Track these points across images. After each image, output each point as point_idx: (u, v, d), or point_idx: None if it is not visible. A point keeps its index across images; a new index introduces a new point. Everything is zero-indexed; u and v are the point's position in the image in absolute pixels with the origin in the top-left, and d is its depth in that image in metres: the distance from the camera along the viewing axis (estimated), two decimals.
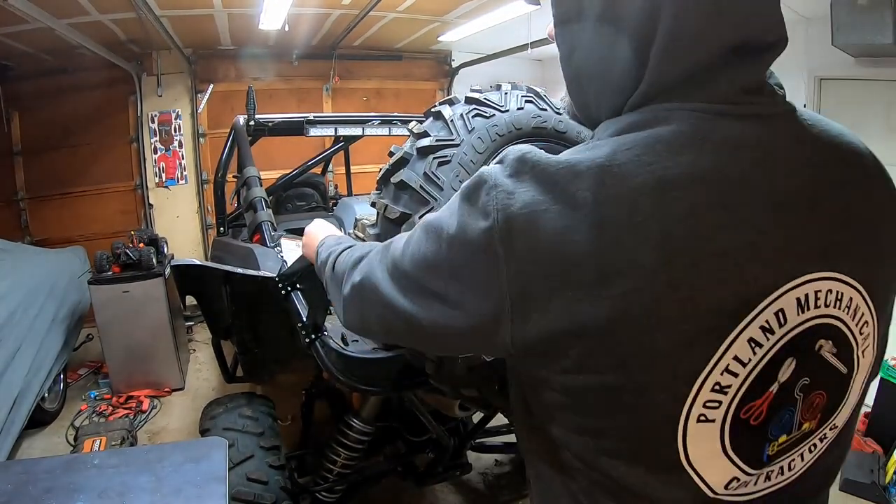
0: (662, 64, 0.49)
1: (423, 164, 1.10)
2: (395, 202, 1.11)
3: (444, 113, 1.17)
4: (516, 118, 1.21)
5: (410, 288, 0.59)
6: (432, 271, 0.57)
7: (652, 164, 0.46)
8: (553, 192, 0.48)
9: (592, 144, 0.51)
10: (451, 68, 5.76)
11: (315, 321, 1.44)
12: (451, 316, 0.55)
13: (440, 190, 1.08)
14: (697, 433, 0.49)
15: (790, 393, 0.51)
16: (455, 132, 1.14)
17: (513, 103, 1.23)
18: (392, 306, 0.61)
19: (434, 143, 1.12)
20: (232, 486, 1.57)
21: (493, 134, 1.17)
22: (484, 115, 1.18)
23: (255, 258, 1.85)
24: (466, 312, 0.54)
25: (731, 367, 0.48)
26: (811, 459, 0.56)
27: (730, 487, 0.52)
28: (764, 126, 0.50)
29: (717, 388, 0.48)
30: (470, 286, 0.53)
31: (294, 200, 3.51)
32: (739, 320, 0.47)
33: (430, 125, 1.18)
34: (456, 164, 1.11)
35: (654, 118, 0.49)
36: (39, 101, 4.44)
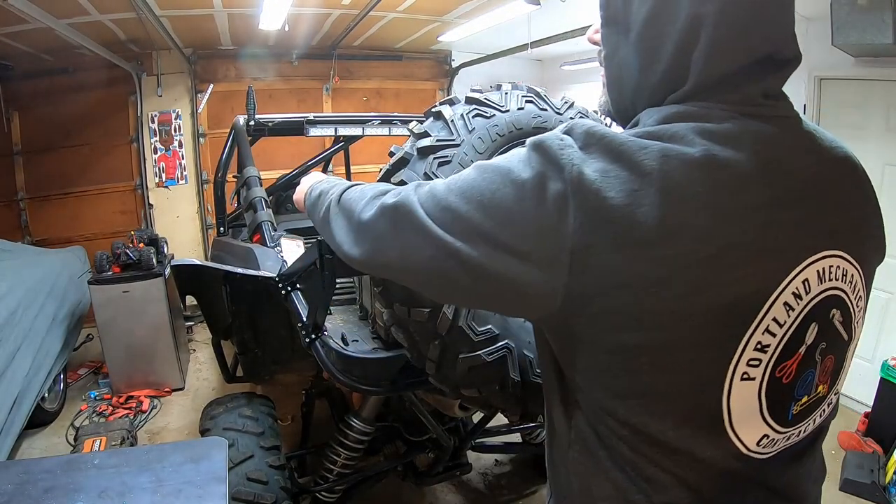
0: (705, 68, 0.56)
1: (424, 165, 1.10)
2: None
3: (444, 113, 1.17)
4: (517, 118, 1.21)
5: (456, 225, 0.58)
6: (490, 211, 0.56)
7: (704, 145, 0.53)
8: (621, 161, 0.53)
9: (644, 126, 0.57)
10: (451, 68, 5.76)
11: (315, 321, 1.44)
12: (500, 260, 0.55)
13: None
14: (740, 391, 0.55)
15: (812, 356, 0.58)
16: (455, 132, 1.14)
17: (513, 103, 1.23)
18: (430, 238, 0.59)
19: (434, 143, 1.12)
20: (232, 486, 1.57)
21: (493, 134, 1.17)
22: (484, 115, 1.18)
23: (255, 258, 1.85)
24: (520, 258, 0.54)
25: (771, 327, 0.54)
26: (820, 421, 0.64)
27: (760, 444, 0.58)
28: (782, 127, 0.58)
29: (758, 346, 0.54)
30: (532, 232, 0.54)
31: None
32: (777, 285, 0.54)
33: (430, 125, 1.17)
34: (456, 164, 1.11)
35: (696, 112, 0.56)
36: (39, 101, 4.44)
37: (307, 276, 1.44)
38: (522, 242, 0.54)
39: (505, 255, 0.55)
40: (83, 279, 3.36)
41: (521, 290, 0.56)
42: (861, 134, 2.96)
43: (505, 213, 0.55)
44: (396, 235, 0.64)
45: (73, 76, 4.41)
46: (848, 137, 2.62)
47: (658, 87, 0.59)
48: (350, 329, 1.78)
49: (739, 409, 0.55)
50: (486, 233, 0.56)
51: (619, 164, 0.53)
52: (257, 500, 1.64)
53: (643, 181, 0.51)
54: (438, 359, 1.13)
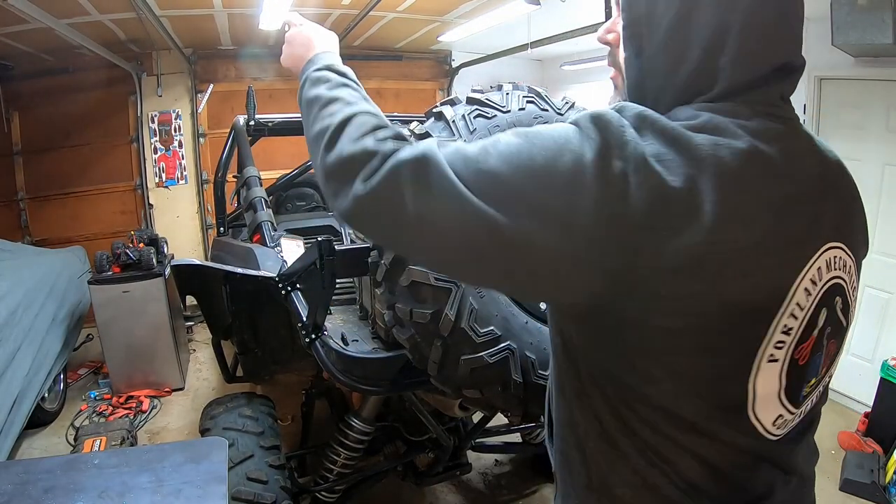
0: (733, 73, 0.58)
1: None
2: None
3: (445, 113, 1.17)
4: (518, 118, 1.21)
5: (497, 192, 0.52)
6: (542, 181, 0.52)
7: (745, 136, 0.56)
8: (676, 145, 0.54)
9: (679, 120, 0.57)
10: (451, 68, 5.76)
11: (315, 321, 1.44)
12: (546, 234, 0.52)
13: None
14: (766, 373, 0.58)
15: (821, 340, 0.62)
16: (457, 133, 1.14)
17: (514, 104, 1.23)
18: (460, 202, 0.52)
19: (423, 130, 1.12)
20: (232, 486, 1.57)
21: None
22: (485, 115, 1.18)
23: (255, 258, 1.85)
24: (570, 234, 0.52)
25: (794, 311, 0.58)
26: (816, 402, 0.68)
27: (775, 425, 0.61)
28: (793, 128, 0.62)
29: (784, 329, 0.58)
30: (588, 208, 0.51)
31: (294, 200, 3.52)
32: (800, 272, 0.58)
33: (431, 126, 1.17)
34: None
35: (728, 109, 0.58)
36: (39, 101, 4.44)
37: (307, 276, 1.45)
38: (576, 218, 0.51)
39: (553, 230, 0.52)
40: (83, 279, 3.36)
41: (564, 269, 0.54)
42: (861, 134, 2.96)
43: (561, 184, 0.52)
44: (416, 196, 0.53)
45: (73, 76, 4.41)
46: (848, 137, 2.63)
47: (683, 89, 0.60)
48: (350, 329, 1.78)
49: (763, 391, 0.58)
50: (534, 204, 0.52)
51: (674, 148, 0.53)
52: (257, 499, 1.64)
53: (699, 167, 0.53)
54: (440, 360, 1.13)
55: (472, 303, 1.02)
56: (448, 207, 0.53)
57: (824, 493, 2.46)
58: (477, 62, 5.45)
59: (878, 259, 2.90)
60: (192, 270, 2.06)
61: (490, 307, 1.04)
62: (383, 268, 1.09)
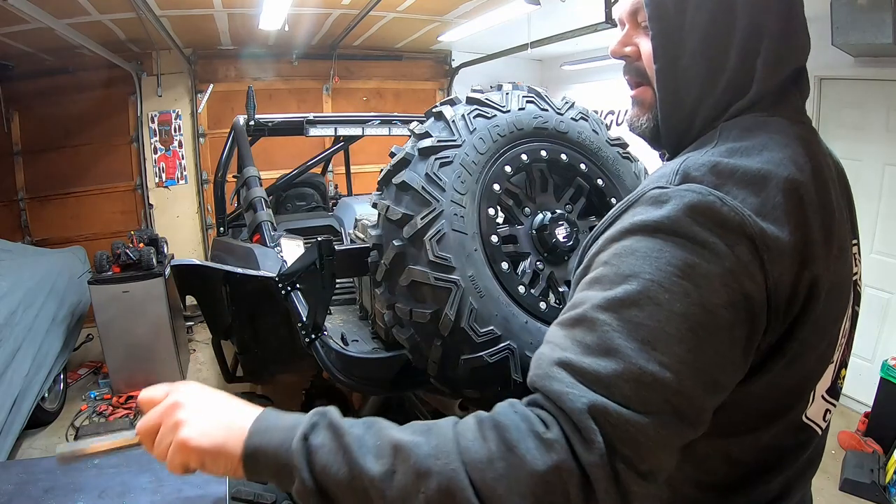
0: (767, 76, 0.59)
1: (425, 165, 1.09)
2: (397, 203, 1.10)
3: (445, 113, 1.17)
4: (518, 118, 1.21)
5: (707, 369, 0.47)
6: (718, 320, 0.47)
7: (806, 155, 0.56)
8: (758, 186, 0.51)
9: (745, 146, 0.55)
10: (451, 68, 5.76)
11: (315, 321, 1.44)
12: (726, 350, 0.49)
13: (442, 191, 1.07)
14: (825, 376, 0.61)
15: (852, 334, 0.67)
16: (457, 133, 1.13)
17: (514, 104, 1.23)
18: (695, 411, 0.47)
19: (436, 143, 1.12)
20: (232, 486, 1.56)
21: (494, 134, 1.17)
22: (485, 115, 1.18)
23: (255, 258, 1.85)
24: (759, 324, 0.50)
25: (848, 313, 0.63)
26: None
27: (825, 419, 0.65)
28: (815, 132, 0.63)
29: (843, 332, 0.62)
30: (753, 297, 0.49)
31: (294, 200, 3.51)
32: (852, 276, 0.62)
33: (431, 126, 1.17)
34: (458, 164, 1.11)
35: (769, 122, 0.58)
36: (39, 101, 4.44)
37: (307, 276, 1.44)
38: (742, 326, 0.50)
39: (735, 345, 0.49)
40: (83, 279, 3.36)
41: (749, 348, 0.52)
42: (861, 134, 2.96)
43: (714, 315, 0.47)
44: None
45: (73, 76, 4.41)
46: (848, 137, 2.63)
47: (722, 97, 0.60)
48: (350, 329, 1.78)
49: (818, 393, 0.61)
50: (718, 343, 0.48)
51: (759, 192, 0.51)
52: (257, 499, 1.64)
53: (789, 205, 0.52)
54: (440, 360, 1.13)
55: (471, 302, 1.02)
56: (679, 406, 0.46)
57: (824, 492, 2.45)
58: (477, 62, 5.45)
59: (878, 259, 2.90)
60: (192, 270, 2.06)
61: (490, 307, 1.04)
62: (383, 267, 1.08)
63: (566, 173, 1.30)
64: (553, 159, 1.24)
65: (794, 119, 0.60)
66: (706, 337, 0.46)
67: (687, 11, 0.58)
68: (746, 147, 0.55)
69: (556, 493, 0.42)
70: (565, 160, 1.26)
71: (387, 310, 1.14)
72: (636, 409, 0.44)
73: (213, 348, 2.35)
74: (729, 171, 0.52)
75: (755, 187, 0.51)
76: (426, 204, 1.06)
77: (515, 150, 1.19)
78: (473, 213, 1.09)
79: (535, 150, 1.21)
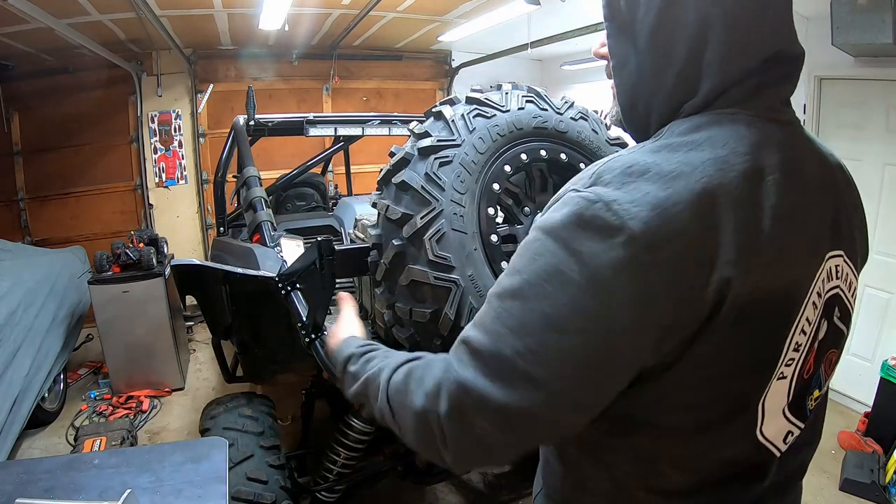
0: (720, 69, 0.56)
1: (425, 165, 1.09)
2: (397, 203, 1.10)
3: (444, 113, 1.16)
4: (517, 118, 1.21)
5: (551, 363, 0.52)
6: (564, 323, 0.51)
7: (746, 154, 0.54)
8: (674, 184, 0.51)
9: (677, 143, 0.55)
10: (451, 68, 5.76)
11: (315, 321, 1.44)
12: (602, 355, 0.52)
13: (441, 190, 1.07)
14: (774, 391, 0.58)
15: (823, 351, 0.62)
16: (456, 132, 1.13)
17: (513, 103, 1.23)
18: (538, 404, 0.53)
19: (435, 143, 1.12)
20: (232, 486, 1.57)
21: (494, 134, 1.17)
22: (485, 115, 1.17)
23: (255, 258, 1.85)
24: (624, 338, 0.51)
25: (804, 326, 0.58)
26: (816, 413, 0.67)
27: (785, 441, 0.61)
28: (794, 133, 0.60)
29: (795, 346, 0.57)
30: (620, 309, 0.50)
31: (294, 200, 3.51)
32: (809, 286, 0.57)
33: (431, 125, 1.17)
34: (457, 164, 1.10)
35: (724, 119, 0.56)
36: (39, 101, 4.44)
37: (307, 275, 1.44)
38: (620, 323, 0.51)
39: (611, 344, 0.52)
40: (83, 279, 3.36)
41: (632, 358, 0.53)
42: (861, 134, 2.96)
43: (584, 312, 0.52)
44: (489, 431, 0.55)
45: (73, 76, 4.41)
46: (848, 137, 2.63)
47: (673, 92, 0.59)
48: None
49: (770, 407, 0.58)
50: (572, 345, 0.52)
51: (670, 189, 0.51)
52: (257, 499, 1.64)
53: (706, 197, 0.51)
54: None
55: (471, 302, 1.02)
56: (510, 413, 0.54)
57: (824, 492, 2.46)
58: (477, 62, 5.45)
59: (878, 259, 2.90)
60: (191, 270, 2.06)
61: None
62: (383, 267, 1.08)
63: (566, 173, 1.30)
64: (553, 159, 1.24)
65: (766, 117, 0.57)
66: (558, 334, 0.52)
67: (638, 9, 0.59)
68: (677, 144, 0.54)
69: (427, 428, 0.59)
70: (565, 160, 1.25)
71: (386, 309, 1.15)
72: (489, 379, 0.54)
73: (213, 348, 2.35)
74: (641, 169, 0.52)
75: (663, 183, 0.51)
76: (426, 203, 1.06)
77: (515, 149, 1.19)
78: (473, 212, 1.09)
79: (535, 150, 1.21)
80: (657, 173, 0.52)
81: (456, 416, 0.56)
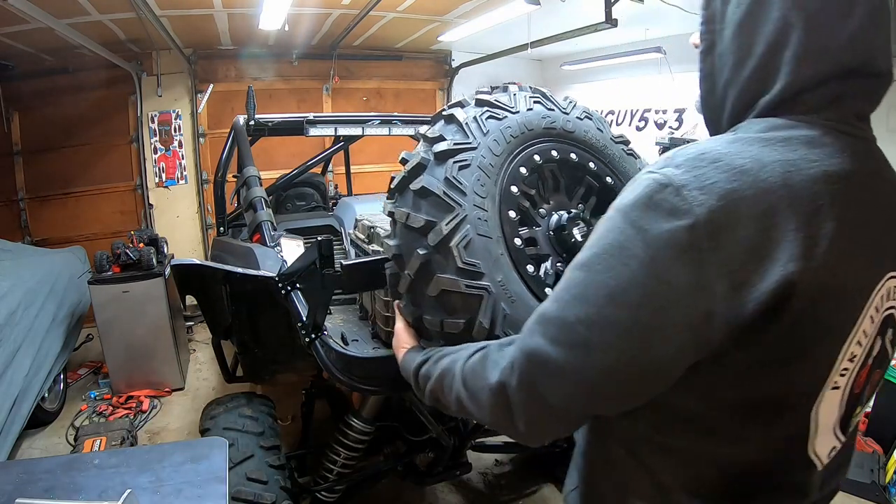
0: (794, 69, 0.58)
1: (444, 169, 1.04)
2: (417, 210, 1.03)
3: (457, 116, 1.12)
4: (527, 119, 1.18)
5: (606, 332, 0.55)
6: (623, 296, 0.54)
7: (815, 161, 0.55)
8: (738, 181, 0.53)
9: (751, 138, 0.57)
10: (451, 68, 5.76)
11: (315, 320, 1.44)
12: (654, 333, 0.54)
13: (463, 195, 1.02)
14: (828, 401, 0.58)
15: (873, 369, 0.63)
16: (471, 135, 1.09)
17: (522, 104, 1.21)
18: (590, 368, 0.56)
19: (452, 146, 1.06)
20: (232, 486, 1.57)
21: (507, 136, 1.13)
22: (496, 116, 1.15)
23: (255, 258, 1.85)
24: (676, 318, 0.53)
25: (860, 338, 0.58)
26: (856, 433, 0.68)
27: (829, 455, 0.63)
28: (868, 148, 0.62)
29: (850, 356, 0.58)
30: (675, 291, 0.53)
31: (294, 200, 3.51)
32: (868, 298, 0.58)
33: (443, 129, 1.12)
34: (475, 167, 1.05)
35: (800, 125, 0.58)
36: (39, 101, 4.44)
37: (307, 275, 1.44)
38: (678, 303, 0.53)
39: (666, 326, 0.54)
40: (83, 279, 3.36)
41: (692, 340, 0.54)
42: None
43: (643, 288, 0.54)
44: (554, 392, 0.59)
45: (73, 76, 4.41)
46: None
47: (748, 84, 0.61)
48: (350, 329, 1.77)
49: (823, 420, 0.59)
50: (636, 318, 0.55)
51: (740, 181, 0.52)
52: (257, 499, 1.64)
53: (769, 198, 0.52)
54: None
55: (504, 308, 0.99)
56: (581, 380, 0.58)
57: None
58: (477, 62, 5.45)
59: None
60: (192, 270, 2.06)
61: (521, 312, 0.99)
62: (407, 279, 1.01)
63: (575, 172, 1.28)
64: (563, 159, 1.23)
65: (841, 129, 0.58)
66: (615, 306, 0.55)
67: (730, 4, 0.63)
68: (751, 139, 0.56)
69: (502, 401, 0.63)
70: (575, 159, 1.24)
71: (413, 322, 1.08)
72: (552, 343, 0.58)
73: (213, 348, 2.35)
74: (713, 157, 0.54)
75: (731, 175, 0.53)
76: (449, 209, 1.00)
77: (528, 151, 1.16)
78: (495, 216, 1.06)
79: (547, 151, 1.19)
80: (728, 164, 0.54)
81: (525, 380, 0.60)
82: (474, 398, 0.69)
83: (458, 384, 0.72)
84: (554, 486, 2.60)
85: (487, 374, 0.66)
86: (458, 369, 0.73)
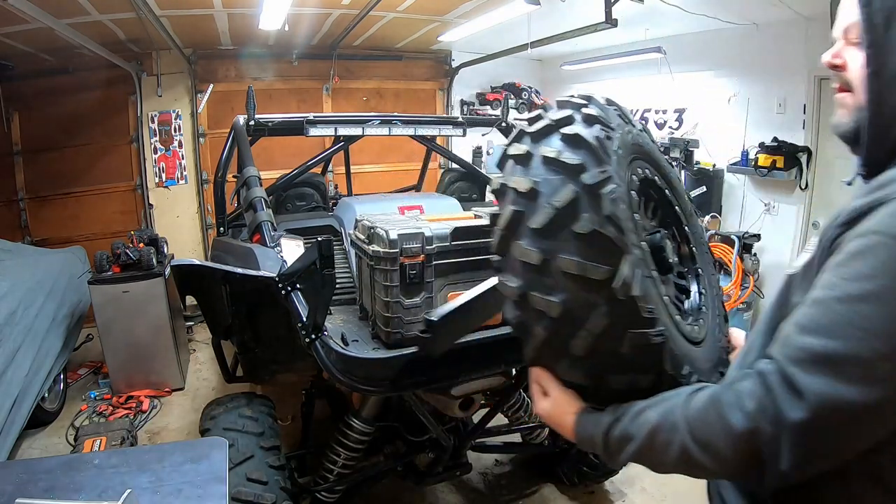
0: None
1: (601, 206, 0.82)
2: (586, 257, 0.82)
3: (584, 136, 0.88)
4: (623, 137, 0.99)
5: None
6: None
7: None
8: None
9: None
10: (451, 68, 5.76)
11: (315, 321, 1.44)
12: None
13: (623, 233, 0.83)
14: None
15: None
16: (605, 157, 0.88)
17: (615, 119, 1.00)
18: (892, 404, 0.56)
19: (601, 177, 0.84)
20: (232, 486, 1.57)
21: (619, 157, 0.94)
22: (609, 136, 0.94)
23: (255, 258, 1.85)
24: None
25: None
26: None
27: None
28: None
29: None
30: None
31: (294, 200, 3.51)
32: None
33: (571, 152, 0.87)
34: (618, 198, 0.84)
35: None
36: (39, 101, 4.44)
37: (307, 276, 1.44)
38: None
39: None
40: (83, 279, 3.36)
41: None
42: None
43: None
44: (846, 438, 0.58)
45: (73, 76, 4.41)
46: None
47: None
48: (350, 329, 1.78)
49: None
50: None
51: None
52: (257, 500, 1.64)
53: None
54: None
55: (672, 348, 0.85)
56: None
57: None
58: (477, 62, 5.45)
59: None
60: (192, 270, 2.06)
61: (680, 346, 0.88)
62: (587, 339, 0.82)
63: (648, 190, 1.12)
64: (646, 178, 1.07)
65: None
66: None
67: (892, 28, 0.66)
68: None
69: (753, 447, 0.59)
70: (650, 176, 1.09)
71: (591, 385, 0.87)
72: (845, 382, 0.55)
73: (213, 348, 2.35)
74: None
75: None
76: (618, 253, 0.82)
77: (629, 172, 1.00)
78: (647, 252, 0.94)
79: (639, 170, 1.05)
80: None
81: (815, 425, 0.56)
82: (709, 449, 0.63)
83: (685, 438, 0.65)
84: (554, 486, 2.60)
85: (728, 420, 0.61)
86: (679, 421, 0.67)
